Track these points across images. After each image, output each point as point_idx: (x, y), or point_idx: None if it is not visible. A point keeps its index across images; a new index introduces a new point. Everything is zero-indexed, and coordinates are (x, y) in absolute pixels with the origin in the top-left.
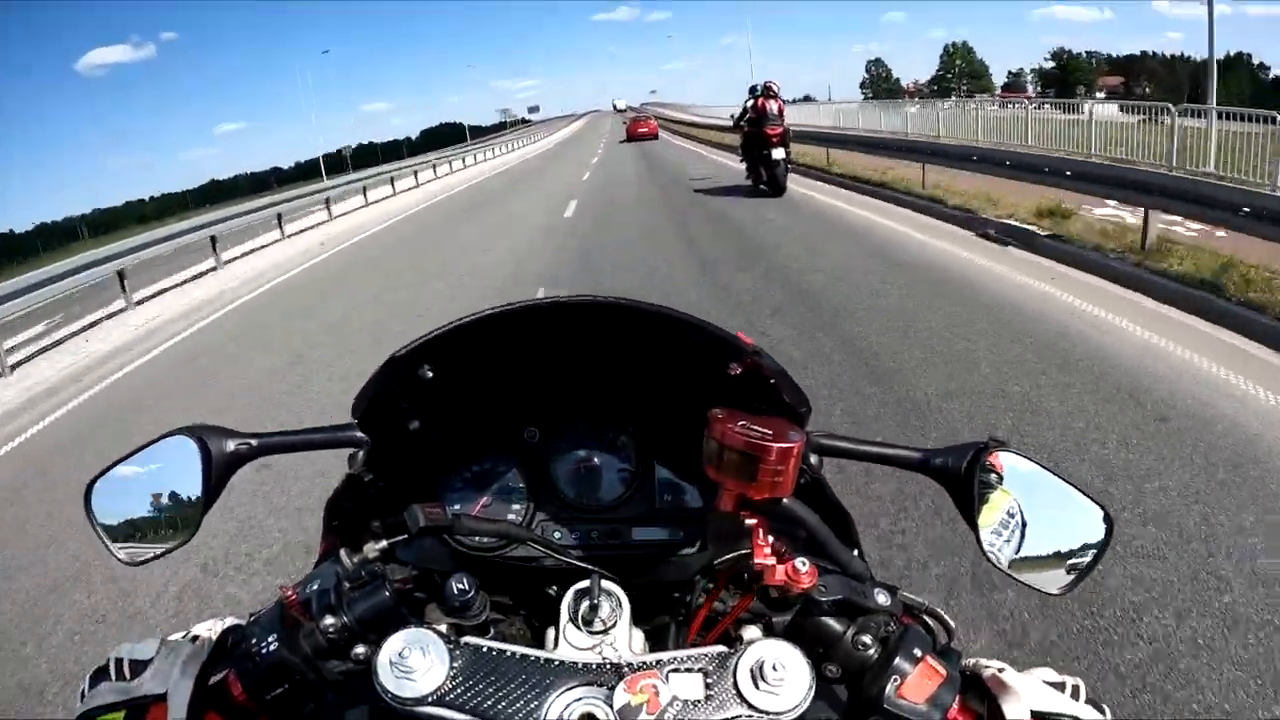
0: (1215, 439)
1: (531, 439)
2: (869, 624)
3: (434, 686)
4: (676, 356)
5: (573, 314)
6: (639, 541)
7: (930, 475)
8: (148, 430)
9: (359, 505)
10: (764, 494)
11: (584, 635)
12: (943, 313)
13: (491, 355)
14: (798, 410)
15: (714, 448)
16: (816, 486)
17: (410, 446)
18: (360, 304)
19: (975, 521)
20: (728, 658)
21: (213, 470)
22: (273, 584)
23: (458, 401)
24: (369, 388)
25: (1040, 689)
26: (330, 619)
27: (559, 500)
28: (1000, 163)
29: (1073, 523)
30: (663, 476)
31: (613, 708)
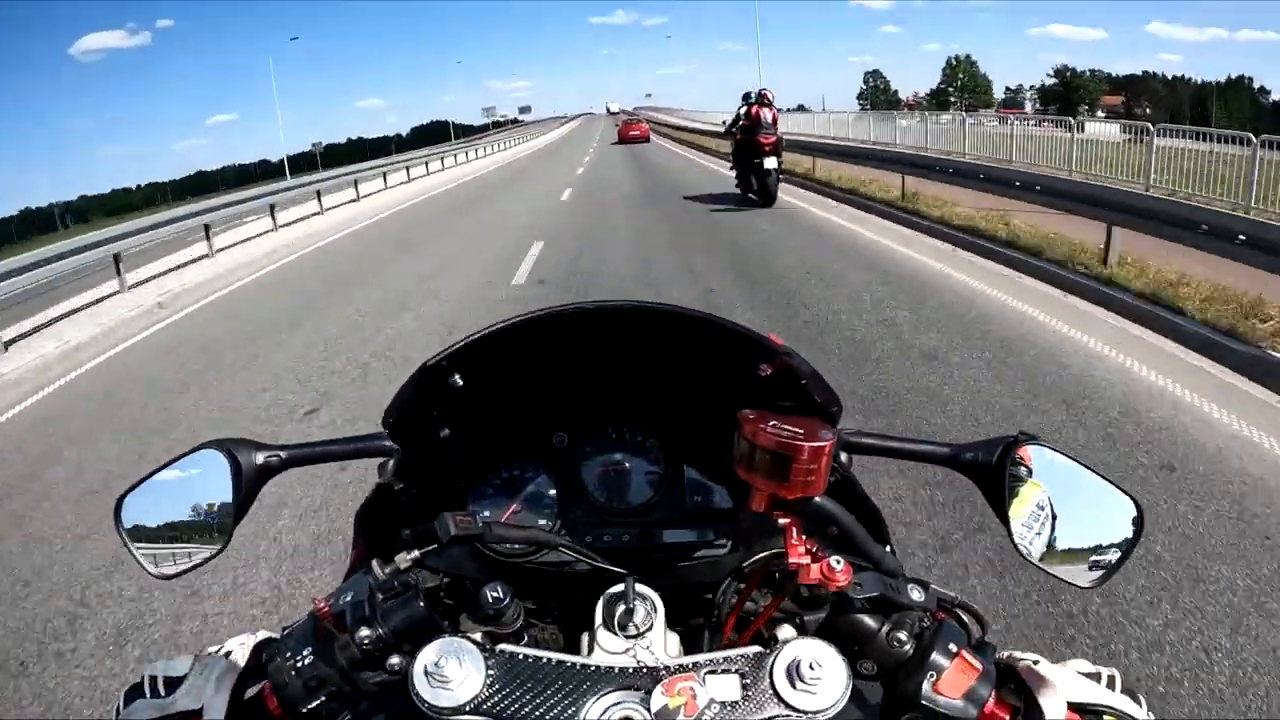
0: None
1: (560, 444)
2: (904, 620)
3: (471, 695)
4: (706, 358)
5: (602, 319)
6: (670, 544)
7: (960, 470)
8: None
9: (390, 513)
10: (796, 493)
11: (619, 639)
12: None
13: (520, 362)
14: (829, 410)
15: (745, 448)
16: (847, 484)
17: (440, 454)
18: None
19: (1006, 515)
20: (764, 658)
21: (243, 482)
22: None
23: (487, 408)
24: (400, 397)
25: (1076, 680)
26: (365, 630)
27: (589, 504)
28: (975, 175)
29: (1103, 515)
30: (692, 478)
31: (650, 711)
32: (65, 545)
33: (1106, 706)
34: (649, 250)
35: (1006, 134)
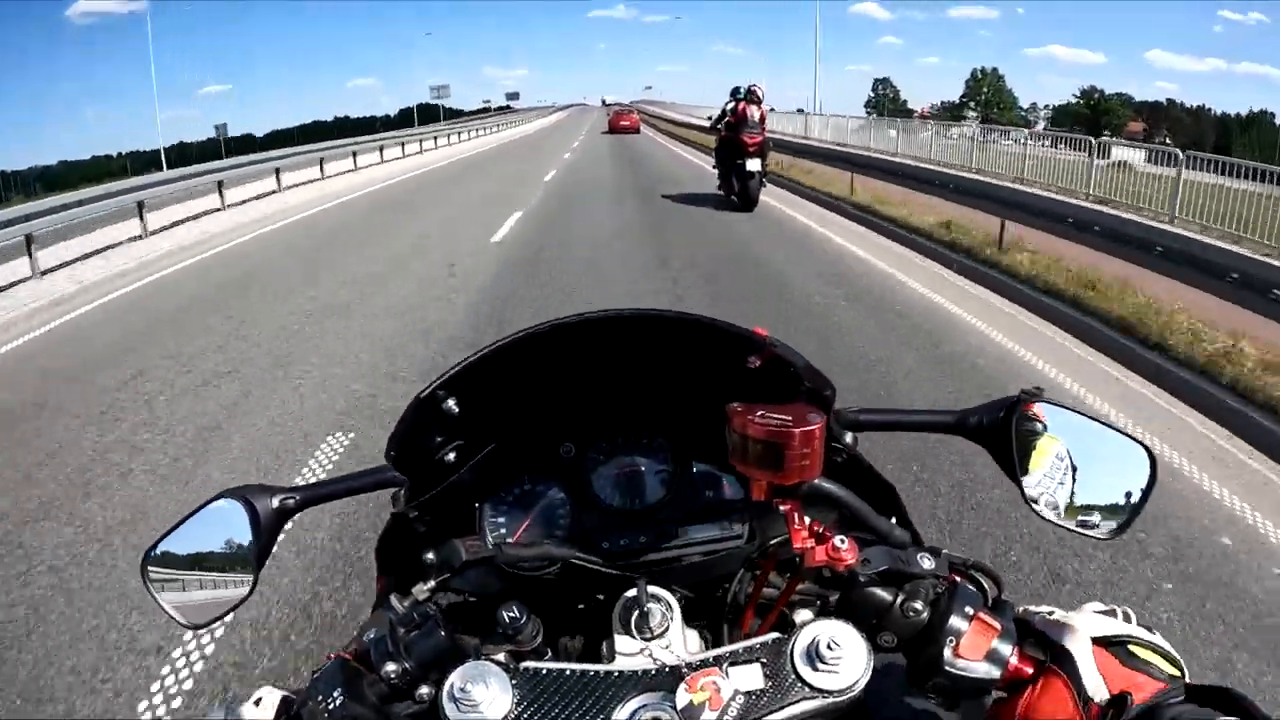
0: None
1: (568, 454)
2: (917, 589)
3: (500, 715)
4: (696, 357)
5: (587, 331)
6: (685, 541)
7: (967, 436)
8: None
9: (408, 541)
10: (793, 479)
11: (637, 642)
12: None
13: (514, 379)
14: (822, 394)
15: (737, 440)
16: (854, 463)
17: (448, 478)
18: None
19: (1017, 477)
20: (783, 643)
21: (262, 528)
22: None
23: (488, 428)
24: (399, 430)
25: (1095, 618)
26: (391, 665)
27: (602, 510)
28: (946, 185)
29: (1115, 465)
30: (701, 472)
31: (677, 709)
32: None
33: (1129, 636)
34: (608, 252)
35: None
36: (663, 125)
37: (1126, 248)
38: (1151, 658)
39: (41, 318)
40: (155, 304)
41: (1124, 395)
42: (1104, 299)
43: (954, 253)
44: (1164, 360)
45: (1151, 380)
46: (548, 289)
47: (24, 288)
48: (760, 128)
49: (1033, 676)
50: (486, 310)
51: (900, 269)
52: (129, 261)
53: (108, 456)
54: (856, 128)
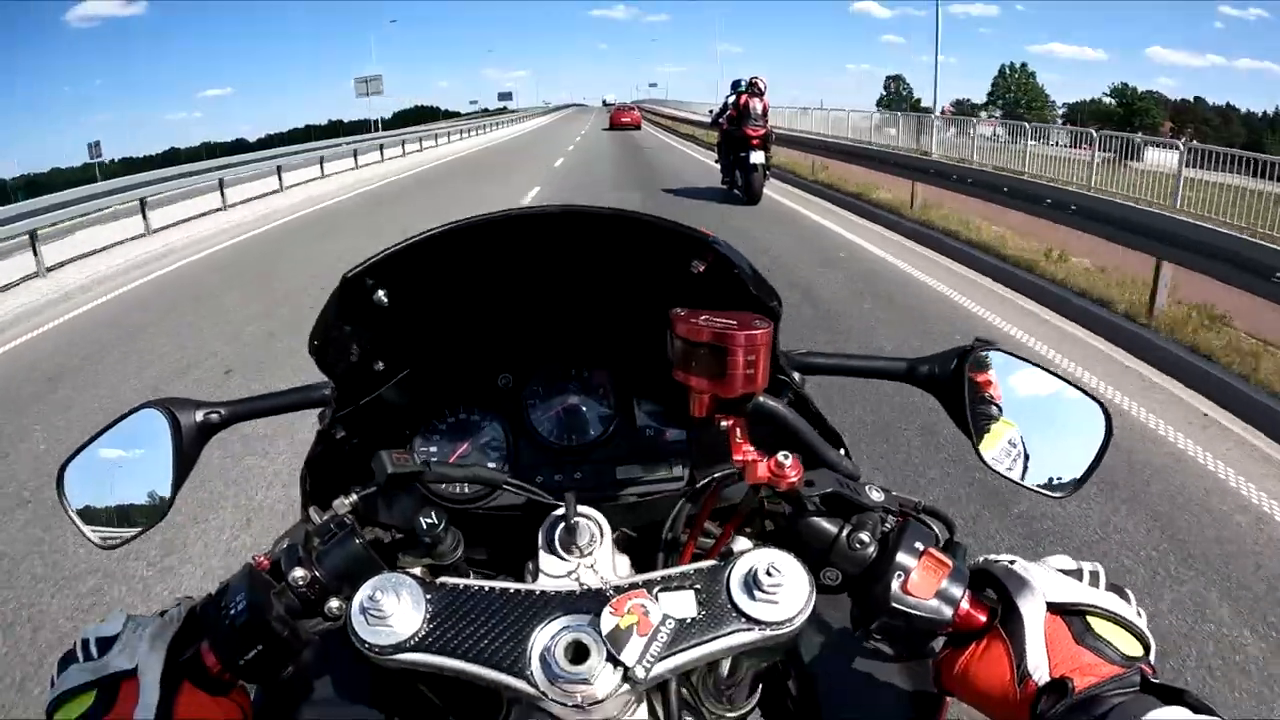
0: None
1: (506, 385)
2: (865, 521)
3: (411, 631)
4: (639, 261)
5: (528, 226)
6: (624, 479)
7: (917, 384)
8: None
9: (336, 466)
10: (737, 390)
11: (562, 562)
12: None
13: (448, 279)
14: (768, 304)
15: (680, 347)
16: (801, 403)
17: (379, 394)
18: None
19: (968, 426)
20: (719, 570)
21: (183, 442)
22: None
23: (421, 338)
24: (323, 316)
25: (1056, 579)
26: (300, 571)
27: (539, 445)
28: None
29: (1068, 420)
30: (644, 413)
31: (601, 633)
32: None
33: (1090, 605)
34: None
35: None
36: (665, 122)
37: None
38: (1112, 633)
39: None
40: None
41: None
42: None
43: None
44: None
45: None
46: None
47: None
48: (763, 120)
49: (983, 628)
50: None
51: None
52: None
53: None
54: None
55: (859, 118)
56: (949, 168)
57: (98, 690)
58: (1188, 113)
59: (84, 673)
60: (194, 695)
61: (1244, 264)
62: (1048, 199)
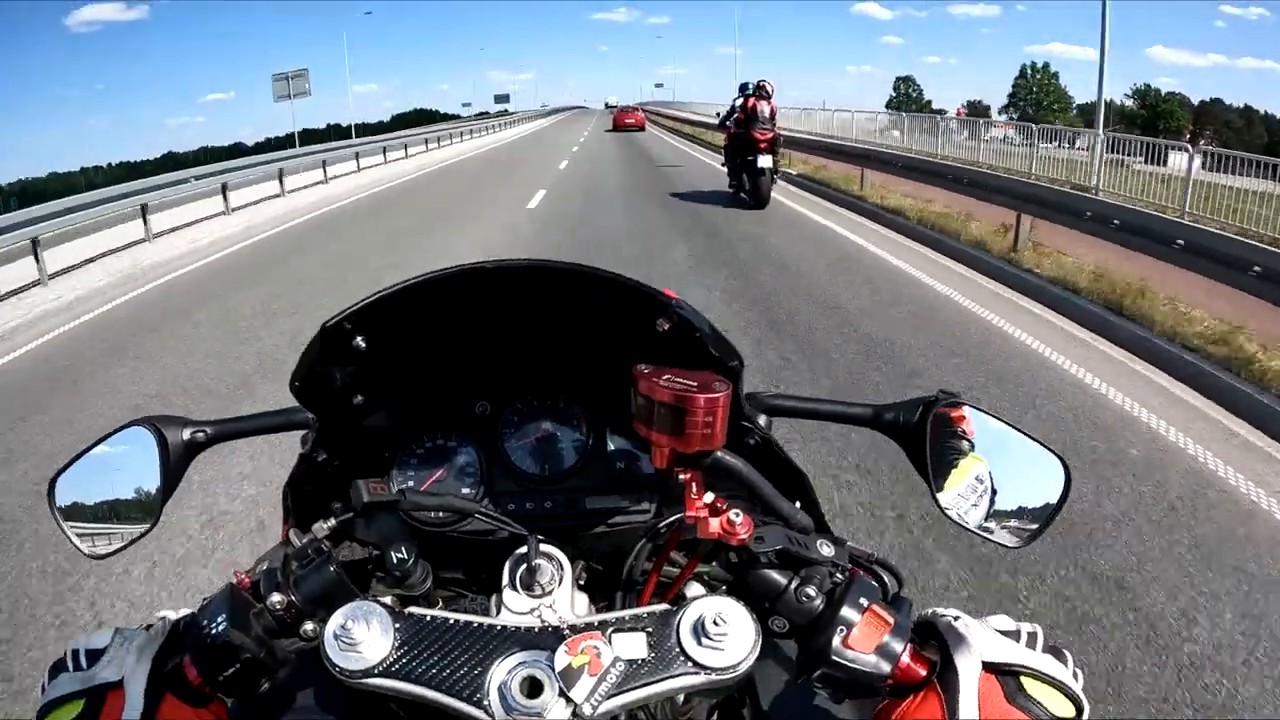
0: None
1: (483, 412)
2: (813, 575)
3: (379, 658)
4: (608, 316)
5: (502, 279)
6: (593, 509)
7: (882, 431)
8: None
9: (317, 487)
10: (695, 447)
11: (524, 599)
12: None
13: (424, 325)
14: (728, 364)
15: (642, 403)
16: (766, 446)
17: (359, 423)
18: None
19: (929, 475)
20: (670, 615)
21: (170, 459)
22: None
23: (399, 374)
24: (304, 360)
25: (994, 639)
26: (277, 596)
27: (513, 473)
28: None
29: (1029, 474)
30: (616, 444)
31: (555, 670)
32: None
33: (1024, 666)
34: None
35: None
36: (671, 124)
37: None
38: (1044, 694)
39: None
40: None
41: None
42: None
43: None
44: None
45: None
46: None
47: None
48: (771, 123)
49: (922, 682)
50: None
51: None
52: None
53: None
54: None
55: (864, 119)
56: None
57: (86, 699)
58: (1209, 115)
59: (73, 682)
60: (175, 706)
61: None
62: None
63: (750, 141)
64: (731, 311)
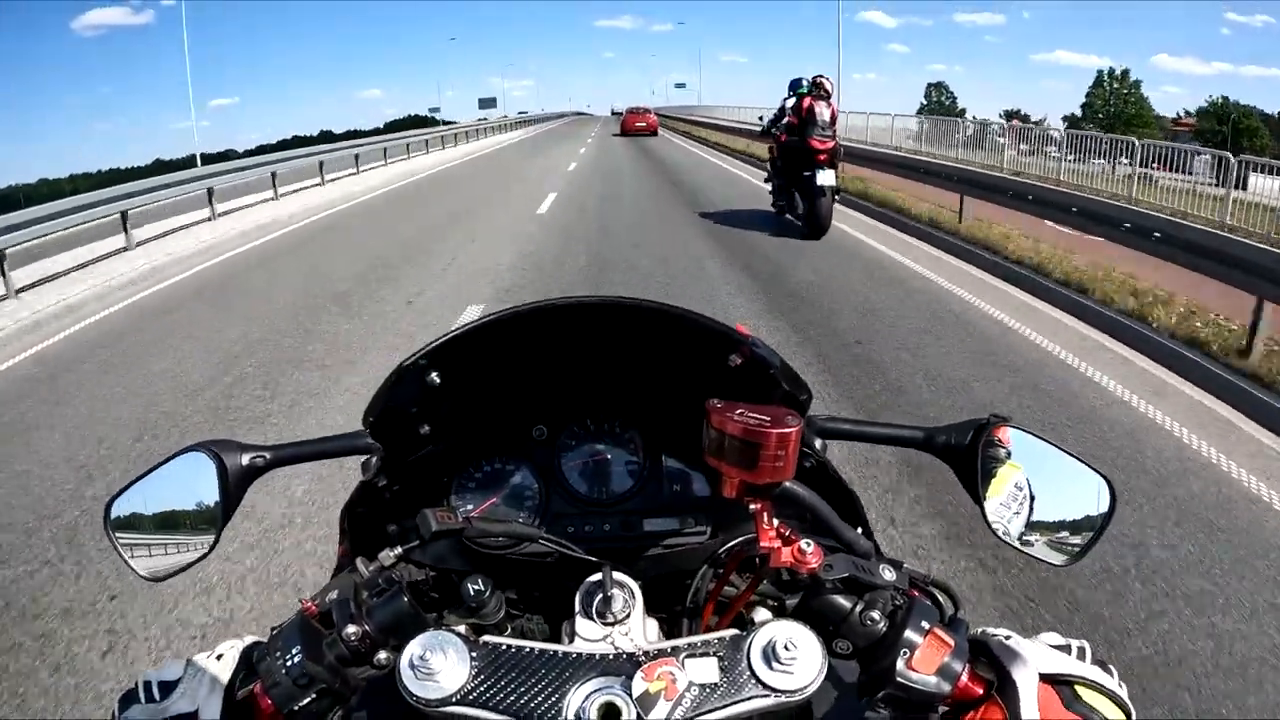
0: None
1: (540, 436)
2: (876, 599)
3: (457, 686)
4: (678, 350)
5: (573, 315)
6: (650, 532)
7: (934, 453)
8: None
9: (375, 508)
10: (765, 479)
11: (598, 627)
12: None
13: (496, 357)
14: (798, 398)
15: (714, 436)
16: (821, 469)
17: (422, 450)
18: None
19: (980, 498)
20: (741, 640)
21: (229, 484)
22: None
23: (467, 405)
24: (379, 398)
25: (1047, 653)
26: (351, 628)
27: (570, 495)
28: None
29: (1076, 494)
30: (671, 467)
31: (631, 696)
32: None
33: (1078, 676)
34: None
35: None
36: (695, 130)
37: None
38: (1098, 701)
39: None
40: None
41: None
42: None
43: None
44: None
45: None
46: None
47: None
48: (832, 129)
49: (980, 699)
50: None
51: None
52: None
53: None
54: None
55: (903, 123)
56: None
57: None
58: (1271, 124)
59: (146, 713)
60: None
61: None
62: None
63: (805, 152)
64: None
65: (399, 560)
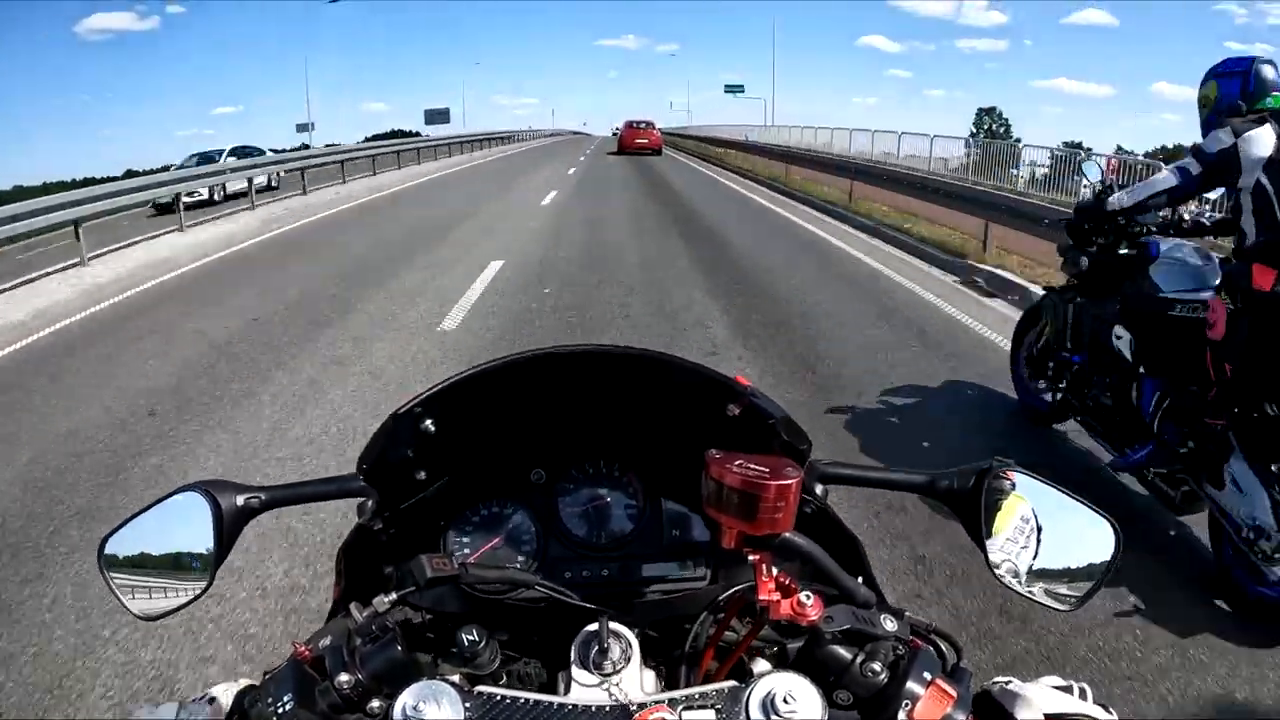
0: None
1: (538, 480)
2: (877, 650)
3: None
4: (676, 398)
5: (570, 363)
6: (649, 577)
7: (936, 498)
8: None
9: (371, 550)
10: (764, 530)
11: (594, 677)
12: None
13: (492, 404)
14: (798, 448)
15: (713, 487)
16: (822, 515)
17: (417, 494)
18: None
19: (983, 543)
20: (739, 692)
21: (224, 525)
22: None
23: (462, 450)
24: (373, 444)
25: (1050, 694)
26: (344, 675)
27: (568, 539)
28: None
29: (1081, 537)
30: (670, 512)
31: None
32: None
33: (1080, 715)
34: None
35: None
36: (725, 158)
37: None
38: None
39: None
40: None
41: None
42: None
43: None
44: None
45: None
46: None
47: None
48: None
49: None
50: None
51: None
52: None
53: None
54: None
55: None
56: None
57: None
58: None
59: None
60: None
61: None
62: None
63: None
64: None
65: (393, 606)
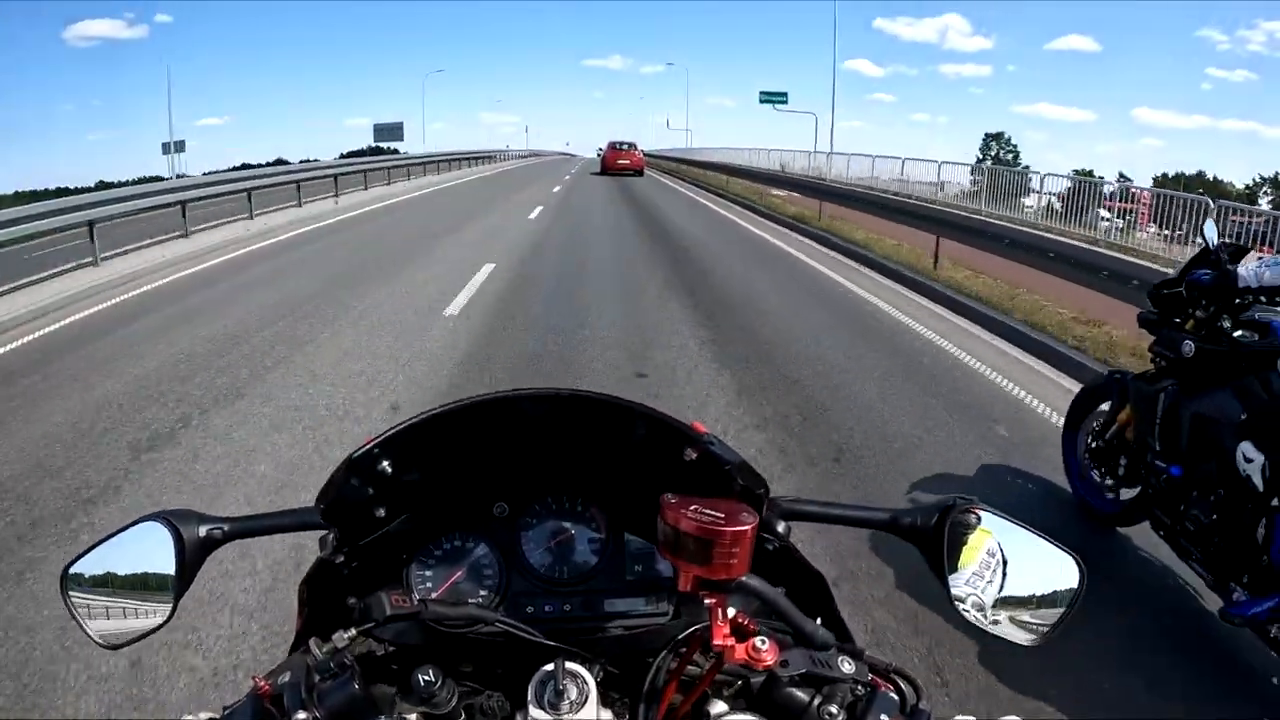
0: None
1: (501, 514)
2: (835, 692)
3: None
4: (635, 440)
5: (528, 405)
6: (611, 612)
7: (899, 535)
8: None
9: (333, 583)
10: (720, 575)
11: (550, 717)
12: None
13: (451, 442)
14: (755, 492)
15: (669, 532)
16: (785, 553)
17: (378, 530)
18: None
19: (945, 579)
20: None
21: (185, 554)
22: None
23: (422, 487)
24: (329, 487)
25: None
26: (302, 714)
27: (531, 574)
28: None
29: (1045, 573)
30: (633, 547)
31: None
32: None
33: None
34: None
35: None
36: (705, 177)
37: None
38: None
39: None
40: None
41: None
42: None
43: None
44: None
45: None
46: None
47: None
48: None
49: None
50: None
51: None
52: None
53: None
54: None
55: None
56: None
57: None
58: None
59: None
60: None
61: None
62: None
63: None
64: None
65: (352, 642)
